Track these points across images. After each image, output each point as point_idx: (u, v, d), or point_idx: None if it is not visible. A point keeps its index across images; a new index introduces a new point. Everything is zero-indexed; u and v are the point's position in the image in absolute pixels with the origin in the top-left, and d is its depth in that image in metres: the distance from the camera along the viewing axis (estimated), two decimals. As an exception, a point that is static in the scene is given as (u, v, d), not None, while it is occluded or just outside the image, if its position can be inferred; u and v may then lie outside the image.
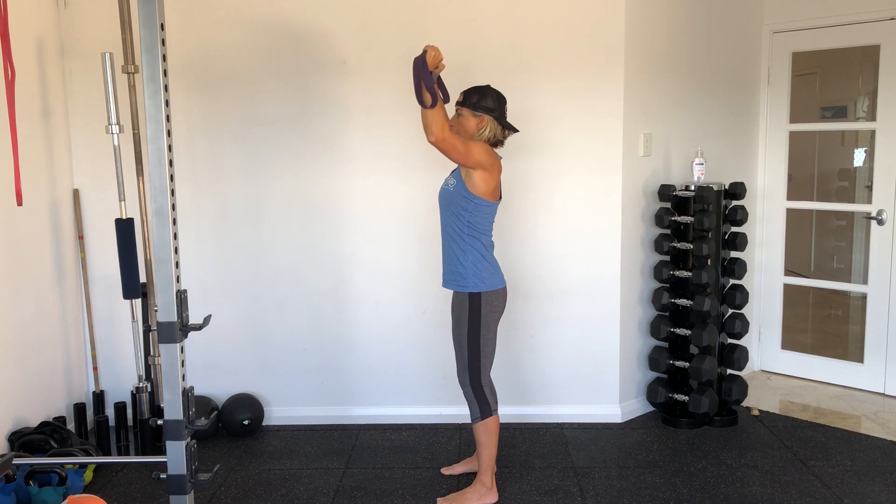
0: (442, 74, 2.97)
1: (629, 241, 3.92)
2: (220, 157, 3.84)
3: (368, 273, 3.90)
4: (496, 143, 3.02)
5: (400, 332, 3.84)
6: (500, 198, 3.05)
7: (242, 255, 3.90)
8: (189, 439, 2.16)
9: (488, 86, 2.99)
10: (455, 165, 3.04)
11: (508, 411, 3.47)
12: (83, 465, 3.19)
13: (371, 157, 3.80)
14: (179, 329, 2.11)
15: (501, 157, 3.00)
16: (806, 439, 3.68)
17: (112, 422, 3.69)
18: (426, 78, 2.78)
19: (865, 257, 4.66)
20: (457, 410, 3.66)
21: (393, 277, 3.86)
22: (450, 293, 3.11)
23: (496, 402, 3.08)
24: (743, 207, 3.92)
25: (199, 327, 2.15)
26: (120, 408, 3.63)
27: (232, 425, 3.78)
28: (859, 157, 6.04)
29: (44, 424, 3.35)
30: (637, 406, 4.05)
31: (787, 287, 4.61)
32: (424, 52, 2.82)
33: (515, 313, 3.84)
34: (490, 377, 3.08)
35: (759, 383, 4.47)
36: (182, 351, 2.13)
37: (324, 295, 3.92)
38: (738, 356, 3.92)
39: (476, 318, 2.99)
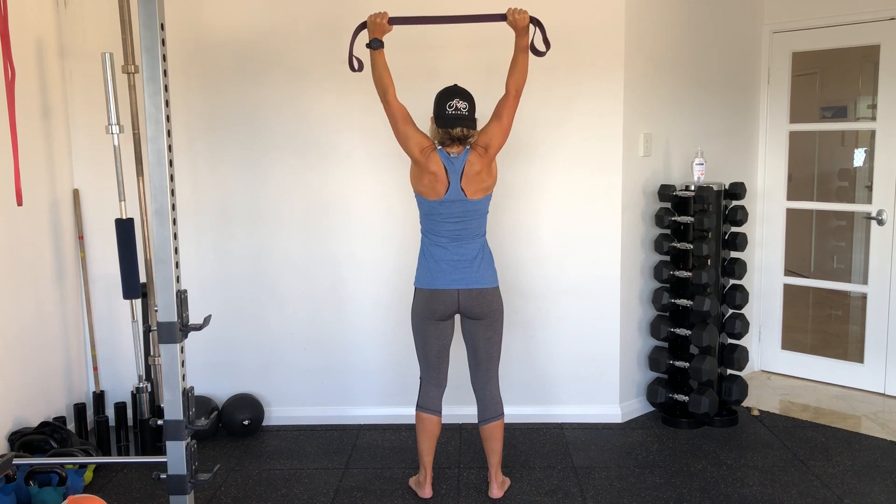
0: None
1: (629, 241, 3.92)
2: (220, 157, 3.84)
3: (368, 273, 3.90)
4: (455, 139, 2.91)
5: (399, 332, 3.83)
6: (443, 198, 2.91)
7: (242, 254, 3.90)
8: (189, 439, 2.16)
9: (443, 88, 2.96)
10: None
11: (509, 411, 3.47)
12: (83, 465, 3.19)
13: (371, 156, 3.80)
14: (179, 329, 2.11)
15: (455, 156, 2.92)
16: (806, 439, 3.68)
17: (112, 422, 3.69)
18: (351, 44, 2.96)
19: (865, 257, 4.66)
20: (457, 411, 3.65)
21: (393, 277, 3.86)
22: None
23: None
24: (743, 207, 3.92)
25: (199, 327, 2.15)
26: (120, 408, 3.63)
27: (232, 425, 3.78)
28: (859, 157, 6.03)
29: (44, 424, 3.35)
30: (637, 406, 4.05)
31: (787, 287, 4.61)
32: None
33: (516, 313, 3.84)
34: None
35: (759, 383, 4.47)
36: (182, 351, 2.13)
37: (323, 295, 3.92)
38: (738, 356, 3.92)
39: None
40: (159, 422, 2.27)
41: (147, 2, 2.00)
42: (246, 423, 3.77)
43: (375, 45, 2.91)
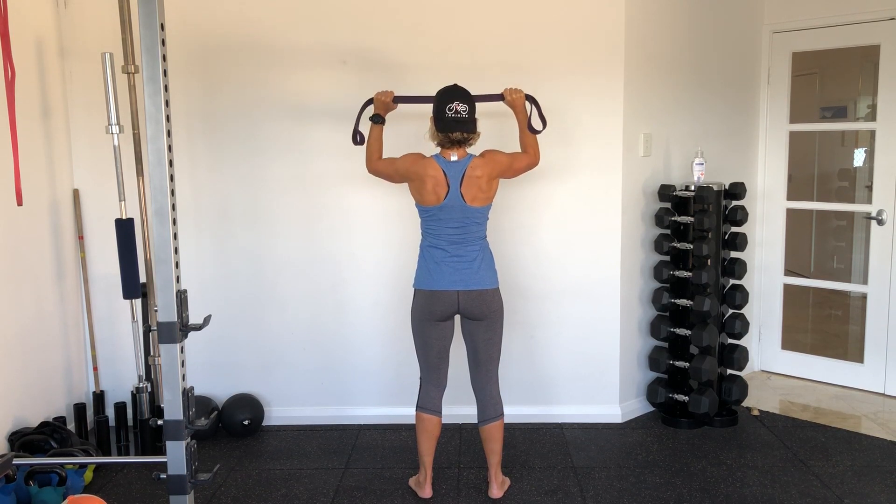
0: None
1: (629, 242, 3.92)
2: (220, 157, 3.84)
3: (368, 273, 3.90)
4: (455, 142, 2.92)
5: (399, 333, 3.83)
6: (443, 203, 2.93)
7: (242, 255, 3.90)
8: (189, 439, 2.15)
9: (444, 87, 2.97)
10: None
11: (508, 411, 3.47)
12: (83, 465, 3.19)
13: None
14: (179, 329, 2.11)
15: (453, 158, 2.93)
16: (806, 439, 3.68)
17: (112, 422, 3.69)
18: (357, 119, 3.16)
19: (865, 257, 4.66)
20: (457, 410, 3.65)
21: (392, 278, 3.86)
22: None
23: None
24: (743, 207, 3.92)
25: (199, 327, 2.15)
26: (120, 408, 3.63)
27: (232, 425, 3.78)
28: (859, 157, 6.04)
29: (44, 424, 3.35)
30: (637, 406, 4.05)
31: (787, 287, 4.61)
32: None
33: (516, 313, 3.84)
34: None
35: (759, 383, 4.47)
36: (182, 351, 2.13)
37: (323, 295, 3.92)
38: (738, 356, 3.92)
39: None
40: (159, 422, 2.27)
41: (147, 2, 2.00)
42: (246, 423, 3.77)
43: (377, 119, 3.11)
